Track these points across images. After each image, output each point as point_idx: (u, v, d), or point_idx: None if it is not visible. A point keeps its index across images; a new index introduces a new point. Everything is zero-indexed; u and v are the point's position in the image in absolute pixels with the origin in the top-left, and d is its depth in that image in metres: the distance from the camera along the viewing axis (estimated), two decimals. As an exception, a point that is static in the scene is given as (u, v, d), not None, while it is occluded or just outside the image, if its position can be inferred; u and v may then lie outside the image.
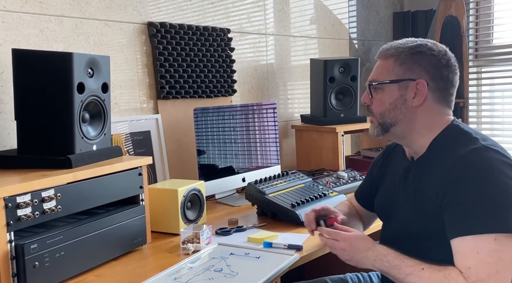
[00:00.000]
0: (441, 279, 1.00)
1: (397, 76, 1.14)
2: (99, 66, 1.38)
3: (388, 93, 1.15)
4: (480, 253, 0.97)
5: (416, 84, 1.12)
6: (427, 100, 1.13)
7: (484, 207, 0.99)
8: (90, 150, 1.38)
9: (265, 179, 1.75)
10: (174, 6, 1.98)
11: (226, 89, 2.17)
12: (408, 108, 1.14)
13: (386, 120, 1.17)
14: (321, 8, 2.70)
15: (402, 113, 1.14)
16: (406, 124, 1.15)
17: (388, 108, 1.15)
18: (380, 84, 1.16)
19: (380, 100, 1.17)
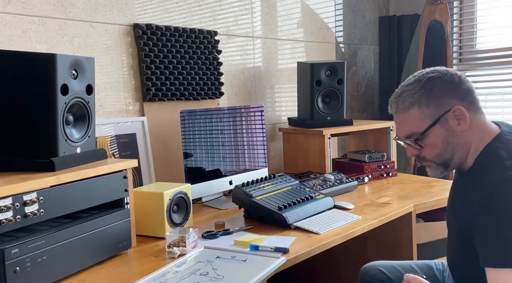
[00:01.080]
0: None
1: (433, 117, 1.14)
2: (84, 68, 1.36)
3: (435, 136, 1.15)
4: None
5: (453, 113, 1.13)
6: (471, 119, 1.14)
7: (505, 241, 1.00)
8: (74, 152, 1.35)
9: (252, 181, 1.74)
10: (160, 8, 1.97)
11: (213, 92, 2.16)
12: (459, 136, 1.15)
13: (445, 158, 1.17)
14: (308, 12, 2.71)
15: (457, 144, 1.15)
16: (462, 150, 1.16)
17: (442, 147, 1.16)
18: (423, 134, 1.16)
19: (431, 145, 1.17)
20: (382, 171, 2.29)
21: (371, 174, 2.24)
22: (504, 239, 1.01)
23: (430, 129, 1.15)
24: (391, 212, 1.71)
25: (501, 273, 1.00)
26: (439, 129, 1.14)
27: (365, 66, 3.16)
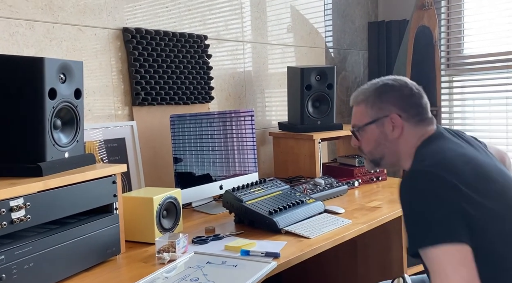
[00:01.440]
0: None
1: (372, 117, 1.28)
2: (72, 72, 1.35)
3: (370, 133, 1.29)
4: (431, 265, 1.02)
5: (390, 119, 1.25)
6: (405, 129, 1.24)
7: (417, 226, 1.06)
8: (62, 157, 1.34)
9: (242, 186, 1.74)
10: (150, 12, 1.96)
11: (203, 96, 2.16)
12: (391, 141, 1.26)
13: (375, 156, 1.31)
14: (298, 17, 2.73)
15: (386, 147, 1.27)
16: (392, 155, 1.28)
17: (374, 146, 1.29)
18: (361, 127, 1.30)
19: (366, 140, 1.31)
20: (372, 175, 2.29)
21: (361, 178, 2.24)
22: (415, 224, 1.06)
23: (367, 126, 1.28)
24: (381, 216, 1.72)
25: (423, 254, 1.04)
26: (375, 129, 1.27)
27: (355, 71, 3.18)
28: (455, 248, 1.01)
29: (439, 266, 1.01)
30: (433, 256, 1.02)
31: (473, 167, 1.11)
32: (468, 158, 1.14)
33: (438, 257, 1.01)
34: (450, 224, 1.03)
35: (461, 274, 0.99)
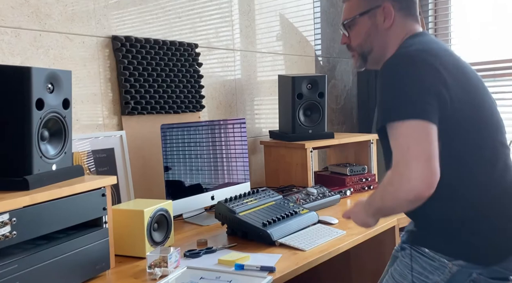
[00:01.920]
0: (381, 184, 1.13)
1: (365, 8, 1.27)
2: (60, 81, 1.31)
3: (361, 25, 1.28)
4: (396, 140, 1.07)
5: (383, 9, 1.25)
6: (396, 19, 1.25)
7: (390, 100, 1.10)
8: (49, 170, 1.29)
9: (235, 197, 1.70)
10: (140, 19, 1.93)
11: (194, 105, 2.12)
12: (381, 33, 1.26)
13: (364, 50, 1.29)
14: (288, 26, 2.72)
15: (376, 39, 1.27)
16: (380, 48, 1.27)
17: (364, 38, 1.28)
18: (352, 20, 1.29)
19: (356, 33, 1.29)
20: (363, 184, 2.28)
21: (353, 187, 2.23)
22: (388, 99, 1.11)
23: (360, 18, 1.27)
24: (376, 226, 1.70)
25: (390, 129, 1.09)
26: (366, 20, 1.27)
27: (344, 79, 3.19)
28: (423, 124, 1.05)
29: (404, 139, 1.05)
30: (400, 130, 1.06)
31: (454, 61, 1.18)
32: (451, 53, 1.21)
33: (406, 131, 1.05)
34: (424, 103, 1.07)
35: (424, 147, 1.04)
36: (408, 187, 1.03)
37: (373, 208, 1.19)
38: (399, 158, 1.05)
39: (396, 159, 1.06)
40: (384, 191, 1.10)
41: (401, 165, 1.04)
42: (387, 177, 1.09)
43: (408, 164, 1.03)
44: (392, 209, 1.14)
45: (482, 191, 1.13)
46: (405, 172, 1.03)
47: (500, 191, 1.15)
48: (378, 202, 1.15)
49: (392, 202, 1.09)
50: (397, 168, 1.05)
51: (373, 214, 1.22)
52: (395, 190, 1.05)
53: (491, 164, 1.15)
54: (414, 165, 1.02)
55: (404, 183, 1.03)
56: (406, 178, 1.03)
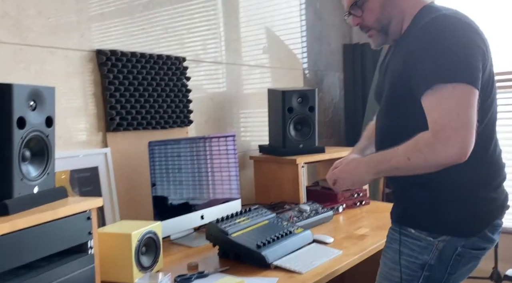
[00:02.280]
0: (412, 144, 1.09)
1: None
2: (43, 98, 1.23)
3: (374, 0, 1.24)
4: (442, 103, 1.05)
5: None
6: None
7: (440, 60, 1.07)
8: (31, 192, 1.20)
9: (226, 217, 1.64)
10: (126, 32, 1.86)
11: (182, 120, 2.06)
12: (395, 1, 1.23)
13: (383, 22, 1.25)
14: (275, 39, 2.69)
15: (392, 9, 1.23)
16: (398, 17, 1.23)
17: (380, 12, 1.24)
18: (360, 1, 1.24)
19: (370, 10, 1.25)
20: (355, 199, 2.25)
21: (345, 203, 2.19)
22: (438, 59, 1.08)
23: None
24: (371, 245, 1.66)
25: (437, 91, 1.06)
26: None
27: (331, 92, 3.17)
28: (473, 91, 1.05)
29: (454, 104, 1.03)
30: (451, 93, 1.04)
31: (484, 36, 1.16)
32: None
33: (457, 95, 1.04)
34: (475, 68, 1.06)
35: (471, 115, 1.04)
36: (451, 152, 1.03)
37: (385, 166, 1.16)
38: (446, 122, 1.04)
39: (442, 123, 1.04)
40: (417, 151, 1.07)
41: (449, 130, 1.03)
42: (424, 139, 1.07)
43: (458, 130, 1.03)
44: (414, 169, 1.11)
45: (474, 168, 1.14)
46: (454, 137, 1.03)
47: (489, 166, 1.19)
48: (398, 160, 1.11)
49: (424, 163, 1.08)
50: (444, 132, 1.03)
51: (377, 172, 1.21)
52: (435, 152, 1.05)
53: (488, 141, 1.19)
54: (463, 132, 1.03)
55: (450, 148, 1.03)
56: (453, 143, 1.03)
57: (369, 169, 1.20)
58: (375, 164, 1.19)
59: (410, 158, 1.09)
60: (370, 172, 1.20)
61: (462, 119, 1.03)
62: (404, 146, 1.11)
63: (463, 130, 1.03)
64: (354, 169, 1.24)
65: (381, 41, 1.29)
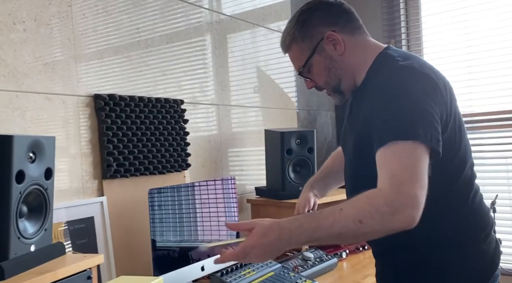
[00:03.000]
0: (366, 202, 0.95)
1: (310, 49, 1.20)
2: (43, 149, 1.17)
3: (317, 66, 1.21)
4: (402, 156, 0.97)
5: (327, 39, 1.18)
6: (345, 40, 1.19)
7: (400, 116, 1.02)
8: (28, 251, 1.12)
9: (231, 269, 1.56)
10: (123, 77, 1.82)
11: (180, 164, 1.99)
12: (339, 61, 1.19)
13: (333, 84, 1.22)
14: (269, 80, 2.69)
15: (338, 68, 1.20)
16: (347, 73, 1.20)
17: (327, 74, 1.21)
18: (306, 66, 1.21)
19: (317, 74, 1.22)
20: (357, 244, 2.19)
21: (347, 249, 2.12)
22: (394, 118, 1.02)
23: (310, 60, 1.20)
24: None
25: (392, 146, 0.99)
26: (318, 58, 1.20)
27: (324, 131, 3.17)
28: (426, 150, 0.99)
29: (412, 161, 0.96)
30: (409, 150, 0.97)
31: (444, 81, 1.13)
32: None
33: (414, 152, 0.97)
34: (431, 126, 1.01)
35: (425, 173, 0.97)
36: (411, 213, 0.92)
37: (322, 233, 0.95)
38: (406, 176, 0.94)
39: (402, 176, 0.94)
40: (374, 211, 0.92)
41: (411, 186, 0.93)
42: (383, 195, 0.93)
43: (418, 190, 0.93)
44: (361, 235, 0.96)
45: (456, 224, 1.11)
46: (414, 196, 0.92)
47: (472, 217, 1.14)
48: (342, 225, 0.93)
49: (379, 226, 0.92)
50: (406, 186, 0.93)
51: (309, 241, 1.00)
52: (393, 212, 0.91)
53: (467, 191, 1.14)
54: (421, 193, 0.94)
55: (409, 207, 0.92)
56: (413, 202, 0.92)
57: (297, 238, 0.97)
58: (308, 232, 0.95)
59: (363, 220, 0.92)
60: (297, 241, 0.98)
61: (421, 179, 0.95)
62: (352, 205, 0.96)
63: (421, 191, 0.94)
64: (274, 242, 0.97)
65: (338, 99, 1.26)
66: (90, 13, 1.70)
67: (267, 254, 1.00)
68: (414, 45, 3.01)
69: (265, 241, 0.98)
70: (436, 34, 2.90)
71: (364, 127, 1.12)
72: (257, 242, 0.99)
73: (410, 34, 3.04)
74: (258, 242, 0.98)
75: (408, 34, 3.05)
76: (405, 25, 3.04)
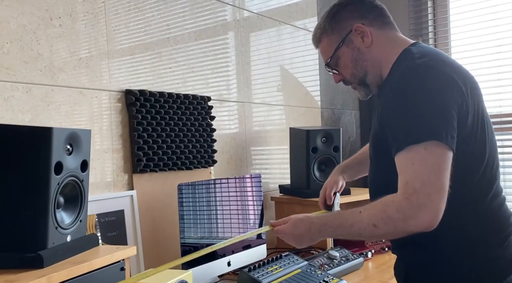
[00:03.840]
0: (379, 209, 1.02)
1: (338, 40, 1.23)
2: (80, 142, 1.19)
3: (344, 57, 1.23)
4: (414, 164, 0.99)
5: (355, 31, 1.20)
6: (373, 33, 1.20)
7: (411, 119, 1.02)
8: (64, 241, 1.14)
9: (258, 265, 1.56)
10: (154, 73, 1.84)
11: (206, 160, 2.01)
12: (366, 53, 1.21)
13: (359, 76, 1.23)
14: (292, 78, 2.69)
15: (365, 60, 1.21)
16: (373, 66, 1.21)
17: (353, 66, 1.23)
18: (333, 57, 1.25)
19: (344, 66, 1.25)
20: (383, 244, 2.17)
21: (373, 248, 2.11)
22: (410, 119, 1.02)
23: (338, 51, 1.23)
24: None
25: (409, 151, 1.00)
26: (346, 50, 1.22)
27: (348, 131, 3.15)
28: (446, 153, 0.99)
29: (425, 167, 0.97)
30: (422, 155, 0.98)
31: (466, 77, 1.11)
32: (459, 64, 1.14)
33: (428, 157, 0.98)
34: (450, 127, 1.01)
35: (444, 179, 0.97)
36: (424, 219, 0.97)
37: (344, 231, 1.10)
38: (419, 185, 0.97)
39: (415, 186, 0.97)
40: (386, 218, 1.00)
41: (422, 194, 0.96)
42: (395, 203, 0.99)
43: (431, 196, 0.96)
44: (379, 236, 1.12)
45: (472, 223, 1.09)
46: (427, 203, 0.96)
47: (489, 219, 1.11)
48: (360, 226, 1.04)
49: (393, 230, 1.01)
50: (417, 196, 0.97)
51: (333, 236, 1.22)
52: (406, 218, 0.98)
53: (486, 190, 1.11)
54: (436, 198, 0.97)
55: (422, 214, 0.96)
56: (426, 209, 0.96)
57: (323, 234, 1.16)
58: (332, 229, 1.11)
59: (377, 224, 1.01)
60: (323, 235, 1.17)
61: (436, 184, 0.97)
62: (368, 210, 1.05)
63: (436, 196, 0.97)
64: (304, 233, 1.16)
65: (364, 93, 1.27)
66: (123, 10, 1.72)
67: (298, 241, 1.19)
68: (442, 44, 2.97)
69: (295, 231, 1.18)
70: (464, 33, 2.85)
71: (378, 128, 1.15)
72: (288, 229, 1.19)
73: (437, 33, 3.00)
74: (289, 231, 1.19)
75: (435, 33, 3.01)
76: (433, 23, 3.00)
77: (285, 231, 1.20)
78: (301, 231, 1.16)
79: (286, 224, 1.21)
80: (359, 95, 1.30)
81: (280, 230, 1.21)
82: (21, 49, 1.40)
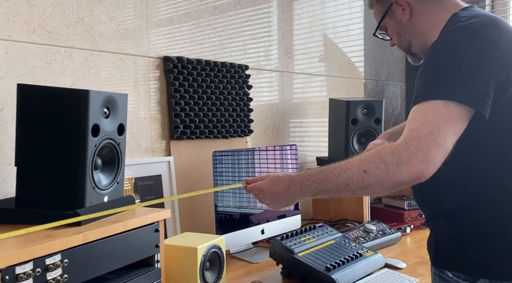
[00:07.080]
0: (373, 153, 0.95)
1: (382, 11, 1.22)
2: (116, 106, 1.21)
3: (390, 27, 1.23)
4: (427, 114, 0.94)
5: (395, 3, 1.18)
6: (415, 6, 1.16)
7: (439, 77, 0.97)
8: (101, 202, 1.18)
9: (291, 234, 1.56)
10: (191, 39, 1.83)
11: (242, 129, 2.00)
12: (407, 25, 1.18)
13: (404, 47, 1.22)
14: (335, 48, 2.60)
15: (407, 32, 1.19)
16: (417, 37, 1.18)
17: (397, 37, 1.22)
18: (381, 27, 1.25)
19: (392, 35, 1.24)
20: (423, 219, 2.10)
21: (412, 223, 2.05)
22: (438, 76, 0.97)
23: (384, 22, 1.23)
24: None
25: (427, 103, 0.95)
26: (389, 21, 1.22)
27: (393, 103, 3.03)
28: (465, 114, 0.94)
29: (439, 119, 0.92)
30: (439, 108, 0.93)
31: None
32: None
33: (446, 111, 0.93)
34: (479, 91, 0.95)
35: (452, 136, 0.92)
36: (417, 166, 0.90)
37: (330, 185, 0.98)
38: (423, 133, 0.91)
39: (419, 132, 0.91)
40: (378, 160, 0.92)
41: (423, 141, 0.91)
42: (392, 146, 0.93)
43: (430, 146, 0.90)
44: (365, 187, 0.95)
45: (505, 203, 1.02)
46: (425, 150, 0.90)
47: None
48: (348, 175, 0.96)
49: (382, 177, 0.92)
50: (418, 141, 0.91)
51: (316, 193, 1.03)
52: (399, 162, 0.91)
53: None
54: (435, 150, 0.90)
55: (415, 160, 0.90)
56: (421, 155, 0.90)
57: (304, 192, 1.04)
58: (315, 184, 1.01)
59: (367, 170, 0.93)
60: (308, 192, 1.04)
61: (441, 138, 0.91)
62: (359, 157, 0.98)
63: (436, 148, 0.90)
64: (283, 191, 1.07)
65: (412, 59, 1.26)
66: (161, -25, 1.71)
67: (275, 200, 1.10)
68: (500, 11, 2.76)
69: (273, 188, 1.09)
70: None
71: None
72: (264, 186, 1.11)
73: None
74: (266, 188, 1.11)
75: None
76: (490, -11, 2.79)
77: (261, 188, 1.11)
78: (279, 188, 1.08)
79: (263, 180, 1.13)
80: (410, 61, 1.29)
81: (256, 187, 1.13)
82: (62, 13, 1.42)
